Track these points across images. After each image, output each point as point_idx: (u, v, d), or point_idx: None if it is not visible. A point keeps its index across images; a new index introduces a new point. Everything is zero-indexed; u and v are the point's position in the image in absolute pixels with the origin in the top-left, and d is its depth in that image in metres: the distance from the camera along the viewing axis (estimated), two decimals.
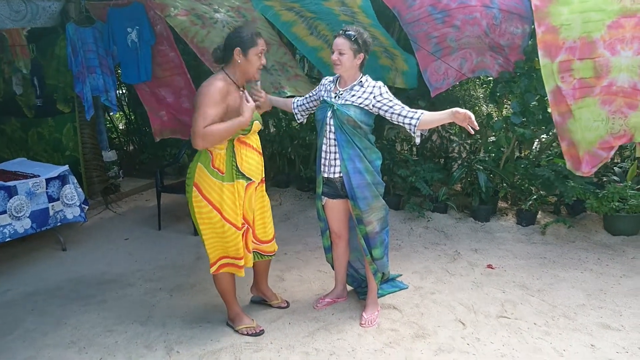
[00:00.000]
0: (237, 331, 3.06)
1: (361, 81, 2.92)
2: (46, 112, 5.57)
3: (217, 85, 2.69)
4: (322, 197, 3.13)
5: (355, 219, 3.05)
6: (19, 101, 5.71)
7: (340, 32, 2.86)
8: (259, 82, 3.02)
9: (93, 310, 3.40)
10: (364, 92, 2.89)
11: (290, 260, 4.10)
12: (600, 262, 3.97)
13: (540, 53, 3.54)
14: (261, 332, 3.06)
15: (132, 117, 7.57)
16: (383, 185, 3.08)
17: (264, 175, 3.02)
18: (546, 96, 4.48)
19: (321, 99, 3.04)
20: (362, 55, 2.86)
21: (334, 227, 3.20)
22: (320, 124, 3.01)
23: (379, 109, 2.87)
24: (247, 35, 2.76)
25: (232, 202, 2.81)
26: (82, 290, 3.69)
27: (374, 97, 2.86)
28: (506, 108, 5.54)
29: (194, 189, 2.82)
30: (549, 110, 4.64)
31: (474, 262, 4.00)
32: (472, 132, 2.69)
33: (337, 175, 3.00)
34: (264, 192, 3.09)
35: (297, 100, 3.27)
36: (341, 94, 2.94)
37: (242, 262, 2.91)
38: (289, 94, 4.76)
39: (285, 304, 3.37)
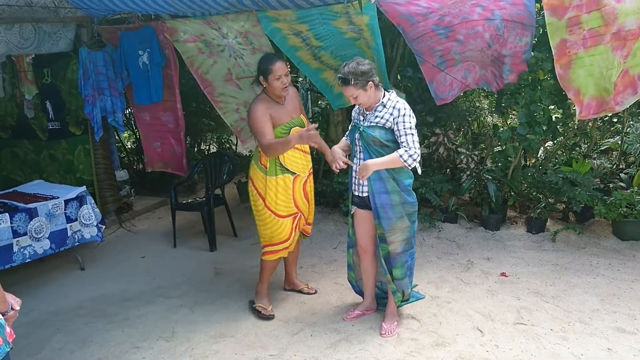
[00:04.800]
0: (254, 307, 3.53)
1: (383, 101, 3.01)
2: (59, 135, 5.68)
3: (257, 107, 3.26)
4: (353, 206, 3.24)
5: (378, 237, 3.14)
6: (32, 124, 5.81)
7: (339, 82, 2.98)
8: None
9: (117, 327, 3.47)
10: (386, 112, 2.99)
11: (306, 273, 4.16)
12: (611, 267, 4.04)
13: (546, 14, 3.62)
14: (270, 317, 3.45)
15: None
16: (414, 204, 3.12)
17: (311, 170, 3.55)
18: (551, 106, 4.62)
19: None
20: (370, 83, 2.94)
21: (361, 241, 3.27)
22: (352, 145, 3.16)
23: (395, 130, 2.97)
24: (264, 65, 3.27)
25: (274, 193, 3.34)
26: (104, 308, 3.76)
27: (393, 117, 2.96)
28: (511, 118, 5.63)
29: (250, 181, 3.46)
30: (554, 118, 4.75)
31: (487, 270, 4.07)
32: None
33: (365, 195, 3.11)
34: (312, 183, 3.59)
35: (347, 134, 3.34)
36: (367, 116, 3.06)
37: (287, 244, 3.44)
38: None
39: (314, 291, 3.80)
